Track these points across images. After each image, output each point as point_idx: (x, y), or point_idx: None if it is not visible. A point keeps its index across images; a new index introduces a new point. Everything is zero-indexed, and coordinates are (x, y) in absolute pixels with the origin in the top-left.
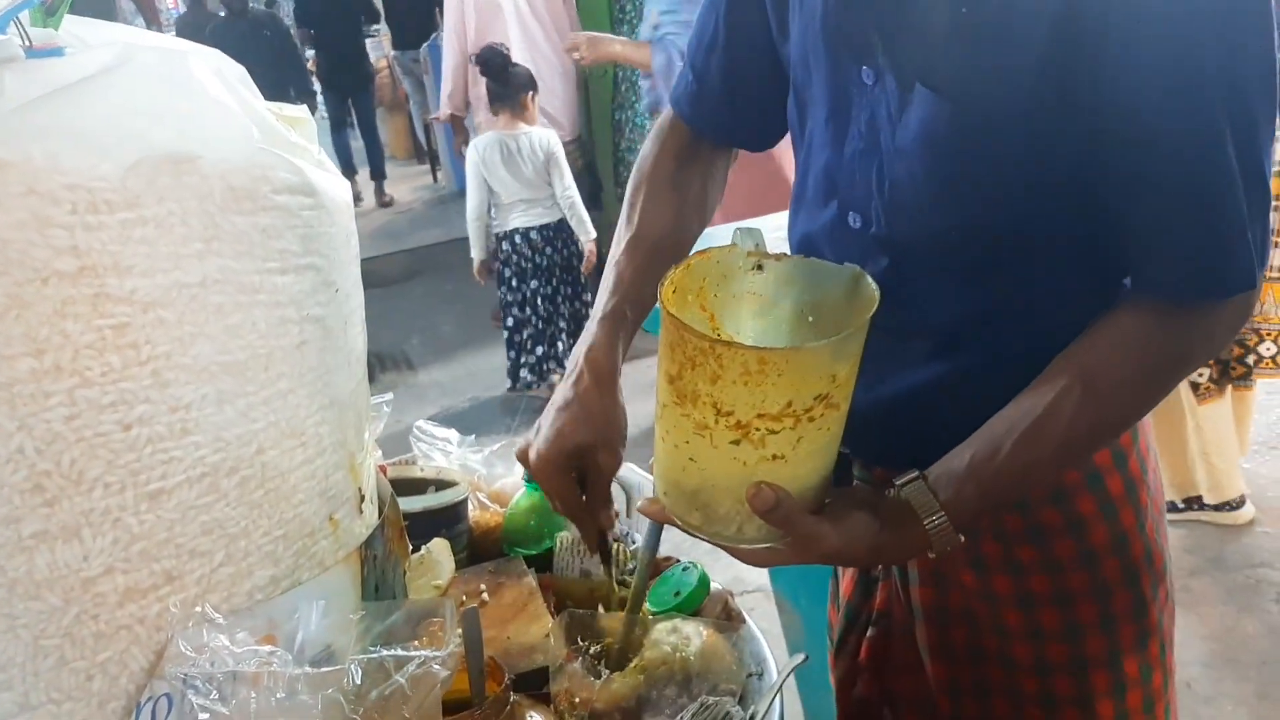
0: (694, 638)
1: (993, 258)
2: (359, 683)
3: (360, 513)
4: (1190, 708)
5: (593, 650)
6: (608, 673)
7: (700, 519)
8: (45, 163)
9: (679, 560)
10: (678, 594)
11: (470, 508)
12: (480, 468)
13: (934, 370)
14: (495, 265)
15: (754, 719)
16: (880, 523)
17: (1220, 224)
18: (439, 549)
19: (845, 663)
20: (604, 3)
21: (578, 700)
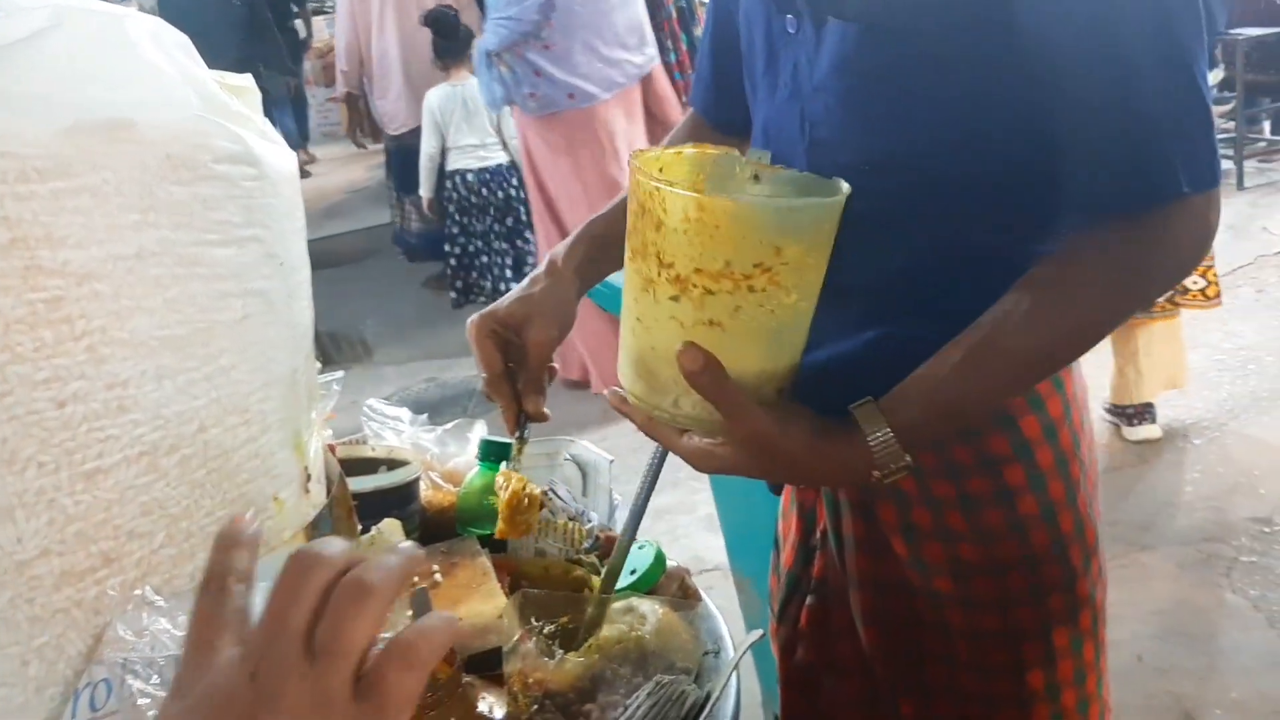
0: (650, 616)
1: (912, 205)
2: None
3: (307, 492)
4: (1142, 680)
5: (547, 630)
6: (562, 653)
7: (643, 388)
8: None
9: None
10: (634, 572)
11: (423, 487)
12: (433, 447)
13: (865, 338)
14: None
15: (710, 697)
16: (825, 429)
17: (1147, 128)
18: (390, 529)
19: (786, 630)
20: None
21: (532, 681)
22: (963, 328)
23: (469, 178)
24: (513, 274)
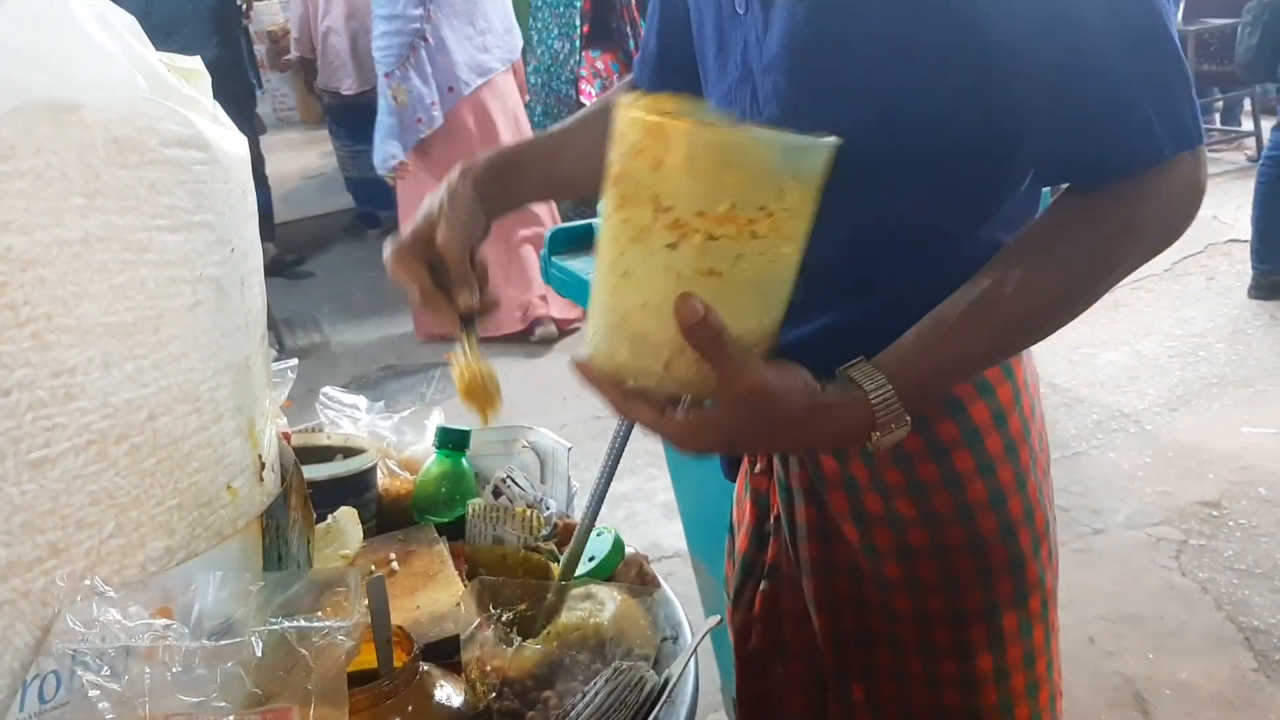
0: (608, 603)
1: (859, 185)
2: (260, 655)
3: (260, 480)
4: (1093, 662)
5: (505, 617)
6: (520, 640)
7: (628, 352)
8: None
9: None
10: (592, 559)
11: (379, 475)
12: (389, 434)
13: (827, 319)
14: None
15: (668, 683)
16: (824, 388)
17: (1118, 91)
18: (346, 517)
19: (741, 615)
20: None
21: (489, 669)
22: (905, 312)
23: None
24: None
